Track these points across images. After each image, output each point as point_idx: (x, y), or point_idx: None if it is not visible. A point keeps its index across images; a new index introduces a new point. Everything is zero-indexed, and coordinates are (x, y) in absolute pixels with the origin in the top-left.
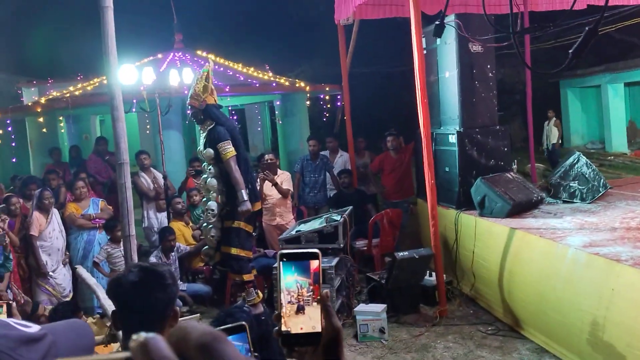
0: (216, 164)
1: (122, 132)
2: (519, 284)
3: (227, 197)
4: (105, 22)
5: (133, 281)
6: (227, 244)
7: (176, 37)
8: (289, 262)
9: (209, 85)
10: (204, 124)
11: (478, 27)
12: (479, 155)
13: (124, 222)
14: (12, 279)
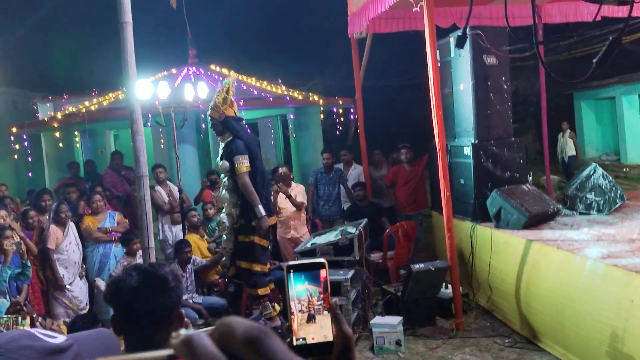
0: (231, 177)
1: (142, 145)
2: (537, 296)
3: (241, 210)
4: (125, 38)
5: (132, 286)
6: (241, 258)
7: (190, 52)
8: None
9: (228, 98)
10: (223, 135)
11: (493, 39)
12: (494, 168)
13: (142, 234)
14: (30, 291)
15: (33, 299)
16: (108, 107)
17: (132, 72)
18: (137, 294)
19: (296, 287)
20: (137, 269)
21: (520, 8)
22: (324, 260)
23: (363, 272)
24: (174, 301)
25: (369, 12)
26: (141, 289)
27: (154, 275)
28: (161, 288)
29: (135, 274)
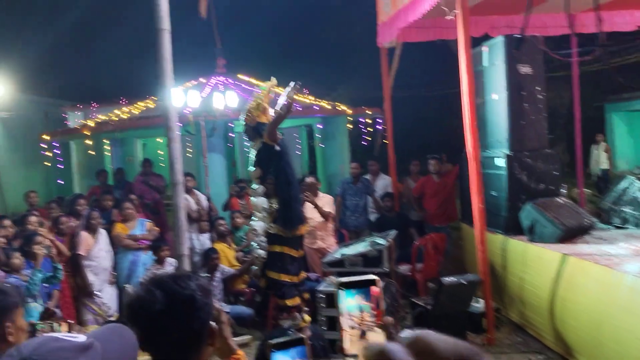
0: (263, 183)
1: (177, 153)
2: (572, 312)
3: (274, 219)
4: (162, 45)
5: (157, 310)
6: (271, 268)
7: (219, 61)
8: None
9: (262, 104)
10: (255, 142)
11: (527, 47)
12: (528, 179)
13: (177, 241)
14: (61, 297)
15: (63, 305)
16: (138, 116)
17: (168, 80)
18: (162, 318)
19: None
20: (161, 288)
21: (553, 17)
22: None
23: (392, 285)
24: (203, 321)
25: (400, 22)
26: (167, 314)
27: (181, 297)
28: (189, 310)
29: (160, 294)
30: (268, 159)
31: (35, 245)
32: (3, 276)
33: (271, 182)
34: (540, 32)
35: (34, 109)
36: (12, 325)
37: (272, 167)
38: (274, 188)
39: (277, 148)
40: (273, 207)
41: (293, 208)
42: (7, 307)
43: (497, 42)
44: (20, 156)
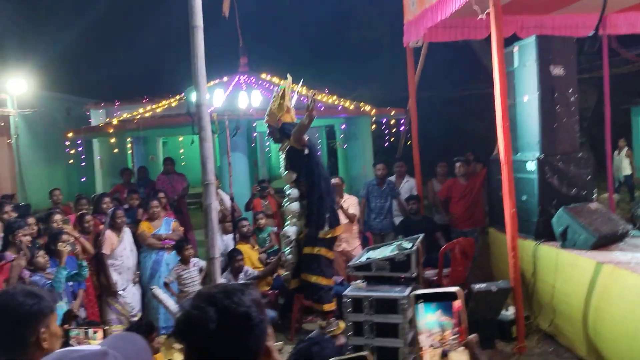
0: (296, 186)
1: (209, 152)
2: (607, 322)
3: (307, 220)
4: (195, 43)
5: (211, 329)
6: (308, 271)
7: (241, 60)
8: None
9: (284, 103)
10: (282, 143)
11: (559, 48)
12: (559, 184)
13: (208, 244)
14: (85, 296)
15: (87, 304)
16: (161, 114)
17: (202, 78)
18: (215, 337)
19: (427, 317)
20: (214, 304)
21: (584, 18)
22: (456, 290)
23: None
24: (259, 339)
25: (427, 20)
26: (220, 333)
27: (235, 314)
28: (245, 328)
29: (213, 312)
30: (298, 161)
31: (61, 243)
32: (28, 275)
33: (304, 184)
34: (571, 33)
35: (56, 106)
36: (46, 330)
37: (303, 169)
38: (307, 189)
39: (305, 151)
40: (305, 209)
41: (327, 208)
42: (41, 312)
43: (528, 42)
44: (42, 153)
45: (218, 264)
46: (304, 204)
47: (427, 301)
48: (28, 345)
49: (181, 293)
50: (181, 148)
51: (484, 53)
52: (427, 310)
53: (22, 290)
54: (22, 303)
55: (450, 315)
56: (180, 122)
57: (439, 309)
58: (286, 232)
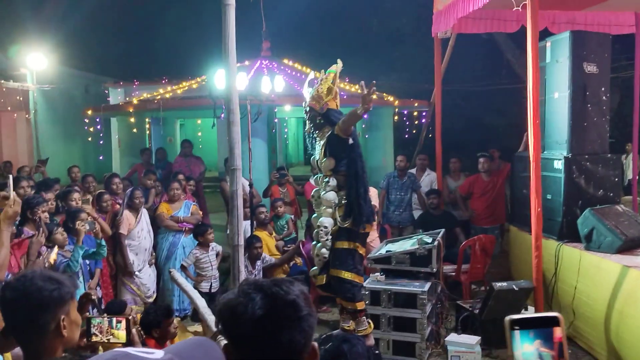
0: (335, 175)
1: (237, 136)
2: (631, 327)
3: (345, 211)
4: (227, 21)
5: (258, 316)
6: (340, 266)
7: (264, 44)
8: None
9: (334, 88)
10: (322, 130)
11: (594, 45)
12: (586, 184)
13: (233, 230)
14: (100, 277)
15: (102, 284)
16: (181, 96)
17: (232, 58)
18: (262, 326)
19: (523, 347)
20: (261, 291)
21: (618, 15)
22: (558, 315)
23: (439, 286)
24: (307, 334)
25: (458, 11)
26: (268, 320)
27: (284, 301)
28: (293, 318)
29: (259, 298)
30: (340, 150)
31: (79, 222)
32: (45, 251)
33: (343, 174)
34: (603, 30)
35: (75, 83)
36: (66, 317)
37: (344, 159)
38: (345, 180)
39: (350, 141)
40: (343, 200)
41: (365, 202)
42: (61, 298)
43: (562, 37)
44: (60, 129)
45: (242, 251)
46: (342, 194)
47: (523, 328)
48: (48, 332)
49: (198, 277)
50: (199, 131)
51: (508, 48)
52: (524, 339)
53: (42, 274)
54: (42, 288)
55: (550, 347)
56: (201, 104)
57: (537, 339)
58: (322, 222)
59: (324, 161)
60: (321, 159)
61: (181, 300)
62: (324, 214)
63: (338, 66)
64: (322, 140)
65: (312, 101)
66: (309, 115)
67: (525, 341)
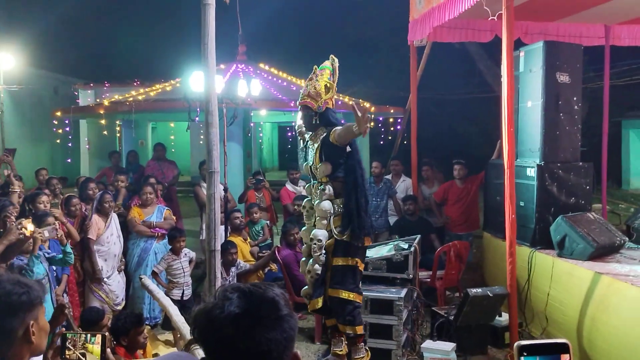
0: (332, 182)
1: (215, 138)
2: (603, 333)
3: (343, 222)
4: (206, 21)
5: (234, 314)
6: (339, 286)
7: (240, 48)
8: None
9: (333, 86)
10: (317, 131)
11: (567, 55)
12: (559, 192)
13: (210, 235)
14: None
15: (68, 290)
16: (154, 99)
17: (211, 59)
18: (239, 325)
19: None
20: (238, 290)
21: (588, 27)
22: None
23: (415, 292)
24: (288, 336)
25: (434, 19)
26: (245, 318)
27: (262, 298)
28: (272, 317)
29: (236, 296)
30: (337, 155)
31: (47, 226)
32: None
33: (341, 181)
34: (575, 41)
35: (44, 83)
36: (35, 323)
37: (342, 165)
38: (343, 187)
39: (348, 148)
40: (340, 209)
41: (365, 213)
42: (30, 303)
43: (536, 47)
44: (27, 131)
45: (218, 257)
46: (338, 203)
47: (531, 354)
48: (15, 338)
49: (170, 284)
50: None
51: (480, 58)
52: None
53: (9, 278)
54: (11, 292)
55: None
56: (175, 107)
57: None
58: (316, 235)
59: (319, 166)
60: (316, 163)
61: (152, 309)
62: (317, 225)
63: (334, 62)
64: (315, 143)
65: (308, 99)
66: (302, 114)
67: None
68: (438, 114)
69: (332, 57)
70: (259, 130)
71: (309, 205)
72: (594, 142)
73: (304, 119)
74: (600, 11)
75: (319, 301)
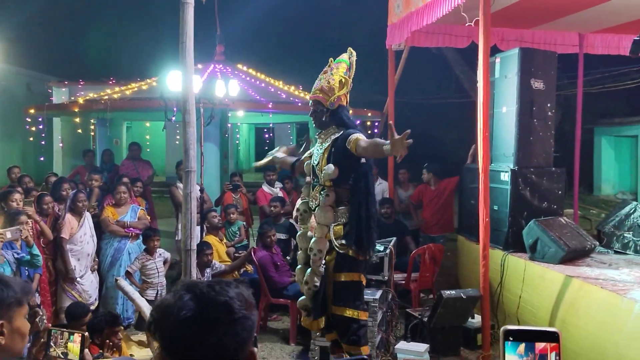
0: (335, 187)
1: (193, 137)
2: (573, 336)
3: (348, 232)
4: (185, 20)
5: (184, 317)
6: (343, 303)
7: (218, 48)
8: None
9: (348, 81)
10: (327, 129)
11: (541, 62)
12: (531, 196)
13: (186, 234)
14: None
15: (40, 290)
16: (130, 97)
17: (189, 58)
18: (190, 328)
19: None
20: (192, 292)
21: (563, 35)
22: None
23: (390, 294)
24: (241, 338)
25: (412, 24)
26: (195, 323)
27: (215, 302)
28: (225, 321)
29: (189, 298)
30: (348, 159)
31: (20, 224)
32: None
33: (347, 188)
34: (550, 48)
35: (17, 80)
36: (6, 324)
37: (351, 171)
38: (350, 195)
39: (363, 160)
40: (342, 219)
41: (375, 225)
42: (2, 301)
43: (511, 54)
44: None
45: (194, 256)
46: (342, 211)
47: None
48: None
49: (144, 284)
50: (147, 134)
51: (456, 64)
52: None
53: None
54: None
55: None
56: (151, 106)
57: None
58: (317, 247)
59: (325, 168)
60: (322, 165)
61: (125, 309)
62: (316, 233)
63: (352, 56)
64: (325, 143)
65: (321, 94)
66: (313, 110)
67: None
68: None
69: (350, 51)
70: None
71: (303, 207)
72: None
73: (313, 114)
74: (575, 20)
75: (322, 321)
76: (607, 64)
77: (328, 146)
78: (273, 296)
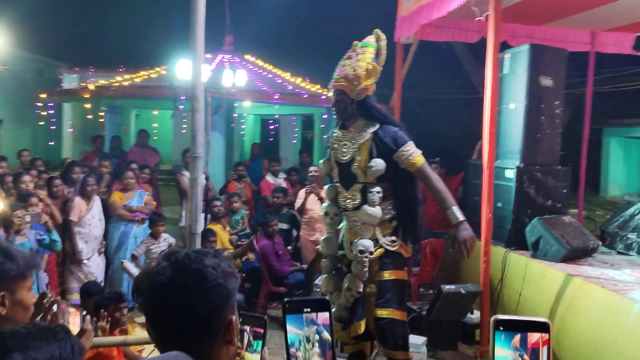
0: (382, 182)
1: (200, 124)
2: (572, 334)
3: (395, 232)
4: (195, 9)
5: (159, 283)
6: (389, 305)
7: (226, 38)
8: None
9: (377, 69)
10: (353, 121)
11: (551, 60)
12: (536, 194)
13: (191, 218)
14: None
15: (48, 271)
16: (140, 85)
17: (199, 46)
18: (164, 293)
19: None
20: (169, 259)
21: (575, 33)
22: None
23: None
24: (216, 305)
25: (422, 17)
26: (169, 288)
27: (187, 269)
28: (198, 288)
29: (166, 265)
30: (390, 155)
31: (30, 206)
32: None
33: (390, 182)
34: (561, 46)
35: (28, 66)
36: (8, 295)
37: (397, 167)
38: (396, 190)
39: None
40: (389, 215)
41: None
42: (4, 273)
43: (521, 50)
44: (9, 112)
45: (199, 240)
46: (388, 208)
47: (508, 330)
48: None
49: (148, 267)
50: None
51: (466, 59)
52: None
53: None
54: None
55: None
56: (161, 94)
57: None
58: (366, 246)
59: (372, 165)
60: (364, 161)
61: (130, 291)
62: (362, 234)
63: (380, 39)
64: (358, 138)
65: (345, 82)
66: (335, 101)
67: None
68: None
69: (377, 33)
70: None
71: (334, 210)
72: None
73: (336, 105)
74: (587, 17)
75: (361, 325)
76: (620, 63)
77: (366, 141)
78: (274, 284)
